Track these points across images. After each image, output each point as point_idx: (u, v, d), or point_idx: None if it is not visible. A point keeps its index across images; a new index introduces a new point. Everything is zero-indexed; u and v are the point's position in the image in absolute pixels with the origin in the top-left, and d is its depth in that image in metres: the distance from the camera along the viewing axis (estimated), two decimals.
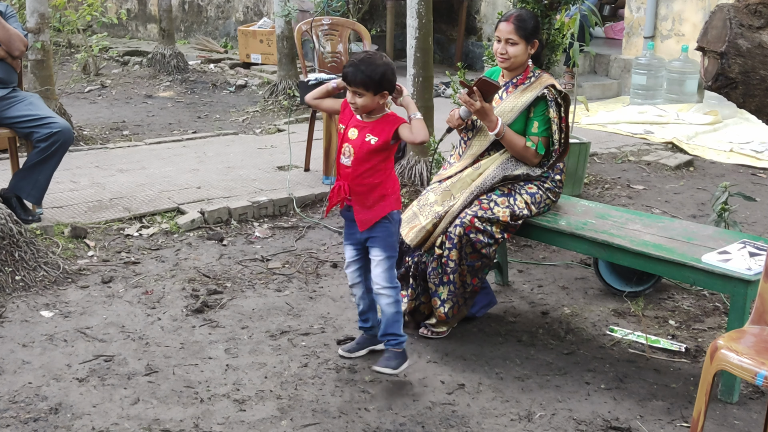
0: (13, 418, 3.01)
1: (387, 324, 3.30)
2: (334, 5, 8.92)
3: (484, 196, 3.65)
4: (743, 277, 3.09)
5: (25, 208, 4.78)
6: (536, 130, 3.71)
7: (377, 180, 3.24)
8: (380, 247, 3.26)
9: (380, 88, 3.15)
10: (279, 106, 8.39)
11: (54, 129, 4.65)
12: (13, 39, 4.76)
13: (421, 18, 5.31)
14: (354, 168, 3.22)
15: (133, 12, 13.10)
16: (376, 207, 3.25)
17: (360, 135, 3.22)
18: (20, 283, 4.07)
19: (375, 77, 3.12)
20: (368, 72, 3.12)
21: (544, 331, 3.78)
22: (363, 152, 3.20)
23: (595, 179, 6.03)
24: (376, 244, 3.27)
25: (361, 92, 3.15)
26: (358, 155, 3.21)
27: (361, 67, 3.13)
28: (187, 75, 9.98)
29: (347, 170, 3.23)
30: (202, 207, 5.14)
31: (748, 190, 5.75)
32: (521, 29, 3.69)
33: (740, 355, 2.49)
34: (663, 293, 4.18)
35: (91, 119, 8.00)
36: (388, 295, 3.26)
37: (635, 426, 3.03)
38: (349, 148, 3.22)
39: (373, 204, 3.24)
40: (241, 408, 3.10)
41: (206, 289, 4.12)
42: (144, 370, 3.37)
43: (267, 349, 3.57)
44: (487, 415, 3.09)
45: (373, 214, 3.25)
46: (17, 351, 3.50)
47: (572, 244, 3.69)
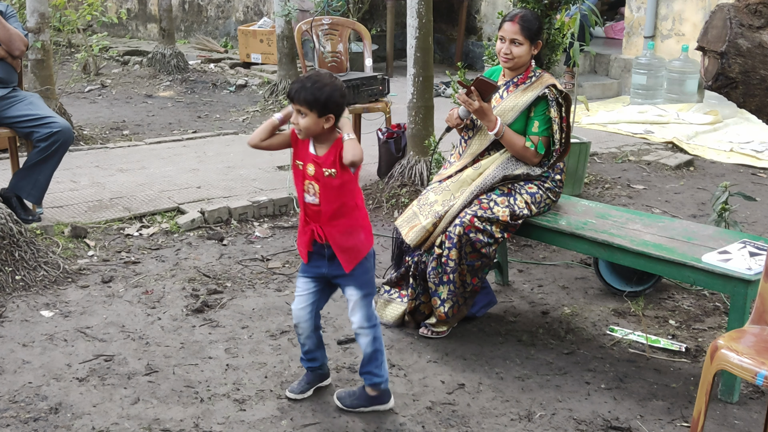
0: (13, 417, 3.01)
1: (366, 361, 3.07)
2: (334, 5, 8.92)
3: (484, 196, 3.65)
4: (743, 276, 3.08)
5: (25, 207, 4.78)
6: (536, 130, 3.71)
7: (351, 216, 2.98)
8: (357, 286, 3.01)
9: (325, 109, 2.85)
10: (279, 105, 8.39)
11: (54, 129, 4.65)
12: (13, 39, 4.76)
13: (421, 18, 5.31)
14: (323, 207, 2.94)
15: (133, 12, 13.10)
16: (357, 244, 3.00)
17: (317, 171, 2.93)
18: (20, 282, 4.07)
19: (320, 97, 2.83)
20: (313, 90, 2.83)
21: (544, 331, 3.78)
22: (328, 190, 2.93)
23: (596, 179, 6.03)
24: (351, 283, 3.01)
25: (304, 111, 2.85)
26: (324, 195, 2.93)
27: (307, 84, 2.85)
28: (188, 75, 9.98)
29: (316, 209, 2.95)
30: (202, 207, 5.15)
31: (749, 189, 5.76)
32: (526, 30, 3.68)
33: (740, 354, 2.49)
34: (663, 293, 4.18)
35: (91, 119, 8.00)
36: (367, 335, 3.03)
37: (635, 426, 3.03)
38: (313, 186, 2.94)
39: (352, 243, 2.98)
40: (241, 408, 3.10)
41: (206, 289, 4.13)
42: (144, 369, 3.37)
43: (267, 348, 3.57)
44: (487, 415, 3.09)
45: (355, 253, 2.99)
46: (17, 351, 3.50)
47: (572, 244, 3.69)
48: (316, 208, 2.96)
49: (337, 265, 3.00)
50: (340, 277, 3.03)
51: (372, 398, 3.09)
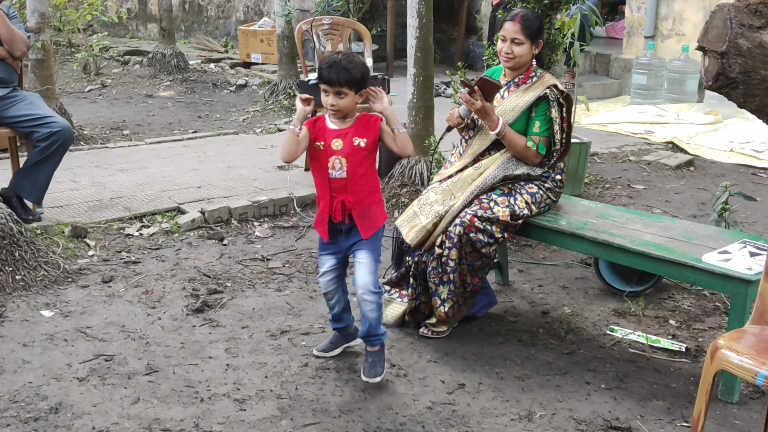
0: (13, 417, 3.01)
1: (370, 328, 3.27)
2: (334, 5, 8.92)
3: (484, 196, 3.65)
4: (743, 276, 3.08)
5: (25, 207, 4.78)
6: (537, 130, 3.71)
7: (372, 185, 3.21)
8: (368, 250, 3.22)
9: (362, 85, 3.10)
10: (279, 105, 8.39)
11: (54, 128, 4.65)
12: (16, 40, 4.77)
13: (421, 18, 5.31)
14: (350, 178, 3.13)
15: (133, 11, 13.10)
16: (376, 213, 3.23)
17: (346, 142, 3.13)
18: (20, 282, 4.07)
19: (357, 75, 3.07)
20: (351, 70, 3.05)
21: (544, 331, 3.78)
22: (356, 159, 3.13)
23: (596, 179, 6.03)
24: (364, 247, 3.22)
25: (345, 92, 3.07)
26: (352, 162, 3.13)
27: (343, 64, 3.05)
28: (188, 74, 9.98)
29: (342, 182, 3.14)
30: (203, 206, 5.15)
31: (749, 189, 5.75)
32: (527, 29, 3.68)
33: (740, 354, 2.48)
34: (663, 293, 4.18)
35: (92, 119, 8.00)
36: (371, 301, 3.21)
37: (635, 426, 3.03)
38: (339, 160, 3.12)
39: (374, 211, 3.22)
40: (241, 407, 3.10)
41: (206, 289, 4.13)
42: (144, 369, 3.37)
43: (267, 348, 3.57)
44: (488, 415, 3.09)
45: (375, 221, 3.23)
46: (17, 350, 3.50)
47: (573, 244, 3.69)
48: (343, 181, 3.15)
49: (354, 234, 3.22)
50: (355, 244, 3.23)
51: (379, 352, 3.31)
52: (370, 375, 3.25)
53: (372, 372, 3.26)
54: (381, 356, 3.31)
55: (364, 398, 3.19)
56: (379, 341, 3.30)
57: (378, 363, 3.28)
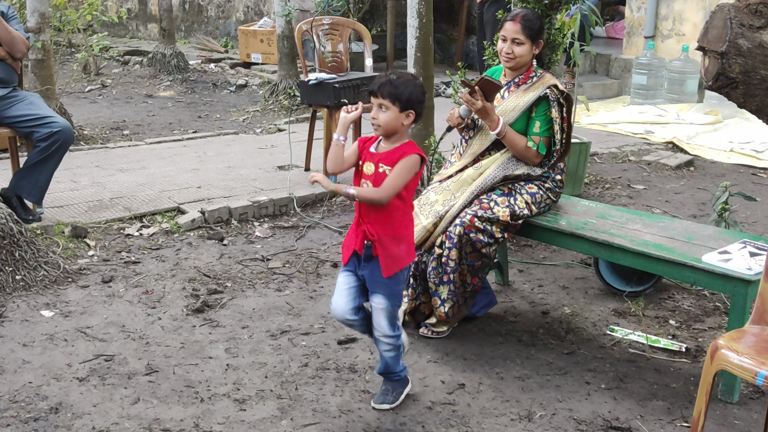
0: (13, 417, 3.01)
1: (387, 366, 3.12)
2: (334, 5, 8.93)
3: (485, 196, 3.65)
4: (743, 277, 3.08)
5: (25, 207, 4.78)
6: (538, 130, 3.71)
7: (400, 220, 2.98)
8: (384, 294, 3.00)
9: (408, 104, 2.90)
10: (279, 105, 8.40)
11: (54, 128, 4.65)
12: (15, 41, 4.77)
13: (421, 18, 5.31)
14: (373, 205, 2.94)
15: (133, 11, 13.10)
16: (401, 253, 2.99)
17: (375, 168, 2.95)
18: (20, 282, 4.07)
19: (404, 91, 2.88)
20: (397, 84, 2.88)
21: (544, 331, 3.78)
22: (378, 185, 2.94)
23: (596, 179, 6.03)
24: (380, 291, 3.00)
25: (386, 105, 2.90)
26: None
27: (392, 78, 2.90)
28: (188, 75, 9.99)
29: (366, 209, 2.96)
30: (203, 206, 5.15)
31: (749, 189, 5.76)
32: (528, 29, 3.68)
33: (740, 354, 2.48)
34: (663, 293, 4.18)
35: (92, 119, 8.00)
36: (388, 343, 3.06)
37: (635, 426, 3.03)
38: (368, 185, 2.96)
39: (397, 251, 2.98)
40: (241, 407, 3.10)
41: (206, 289, 4.13)
42: (144, 369, 3.37)
43: (267, 348, 3.57)
44: (488, 415, 3.09)
45: (397, 261, 2.98)
46: (17, 350, 3.50)
47: (573, 244, 3.69)
48: (366, 208, 2.95)
49: (373, 268, 2.98)
50: (373, 282, 3.00)
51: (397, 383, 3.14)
52: (377, 401, 3.12)
53: (380, 399, 3.12)
54: (397, 388, 3.14)
55: (364, 398, 3.19)
56: (398, 377, 3.14)
57: (390, 393, 3.13)
